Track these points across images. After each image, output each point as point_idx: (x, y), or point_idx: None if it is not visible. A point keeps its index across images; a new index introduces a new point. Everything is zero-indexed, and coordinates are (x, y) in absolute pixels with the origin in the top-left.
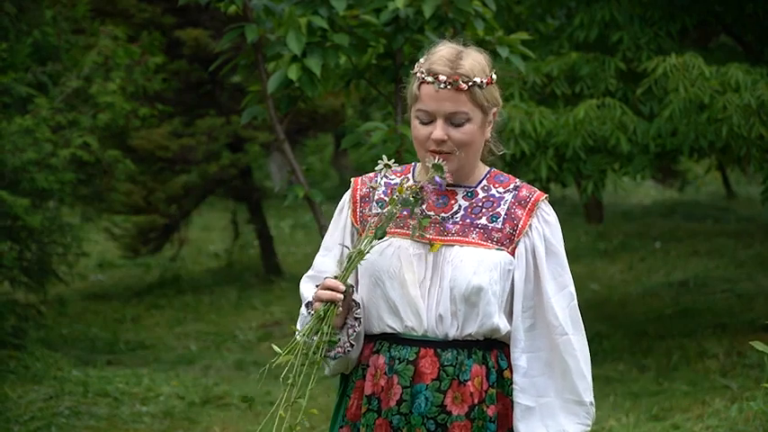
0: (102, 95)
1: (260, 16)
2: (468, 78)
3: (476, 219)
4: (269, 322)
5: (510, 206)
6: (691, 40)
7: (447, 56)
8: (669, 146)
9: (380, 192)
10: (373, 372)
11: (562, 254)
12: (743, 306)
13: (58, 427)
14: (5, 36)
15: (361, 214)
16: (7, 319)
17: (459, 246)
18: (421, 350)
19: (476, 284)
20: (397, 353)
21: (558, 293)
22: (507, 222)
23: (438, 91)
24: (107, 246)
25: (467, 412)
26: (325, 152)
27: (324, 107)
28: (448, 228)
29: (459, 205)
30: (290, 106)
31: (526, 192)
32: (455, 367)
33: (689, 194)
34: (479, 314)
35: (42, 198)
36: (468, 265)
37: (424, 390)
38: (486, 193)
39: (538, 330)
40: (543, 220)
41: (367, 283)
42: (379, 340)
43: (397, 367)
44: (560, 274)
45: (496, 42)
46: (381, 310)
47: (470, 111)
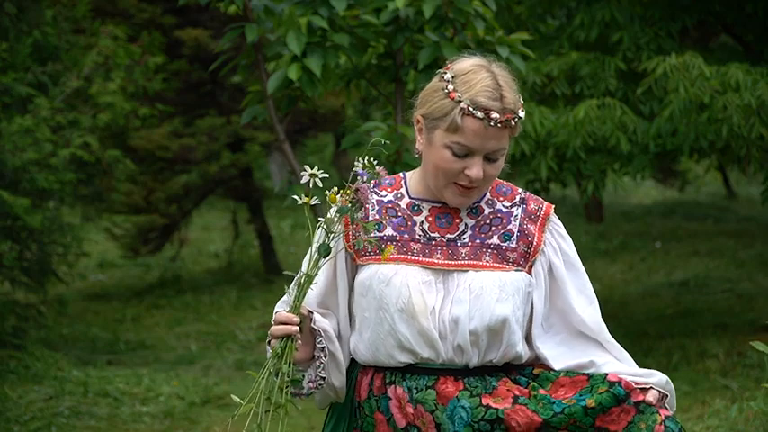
0: (102, 95)
1: (260, 16)
2: (516, 115)
3: (486, 238)
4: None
5: (521, 222)
6: (691, 40)
7: (492, 87)
8: (669, 146)
9: (375, 212)
10: (397, 403)
11: (581, 266)
12: (743, 306)
13: (58, 427)
14: (5, 36)
15: (355, 237)
16: (7, 319)
17: (473, 270)
18: (440, 378)
19: (500, 314)
20: (413, 383)
21: (588, 307)
22: (521, 240)
23: (486, 128)
24: (107, 246)
25: (512, 402)
26: (326, 152)
27: (324, 107)
28: (458, 251)
29: (466, 224)
30: (290, 106)
31: (534, 205)
32: (480, 386)
33: (689, 194)
34: (503, 343)
35: (42, 198)
36: (490, 291)
37: (456, 402)
38: (492, 208)
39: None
40: (557, 233)
41: (373, 317)
42: (390, 371)
43: (416, 396)
44: (584, 286)
45: (496, 42)
46: (390, 346)
47: (507, 145)
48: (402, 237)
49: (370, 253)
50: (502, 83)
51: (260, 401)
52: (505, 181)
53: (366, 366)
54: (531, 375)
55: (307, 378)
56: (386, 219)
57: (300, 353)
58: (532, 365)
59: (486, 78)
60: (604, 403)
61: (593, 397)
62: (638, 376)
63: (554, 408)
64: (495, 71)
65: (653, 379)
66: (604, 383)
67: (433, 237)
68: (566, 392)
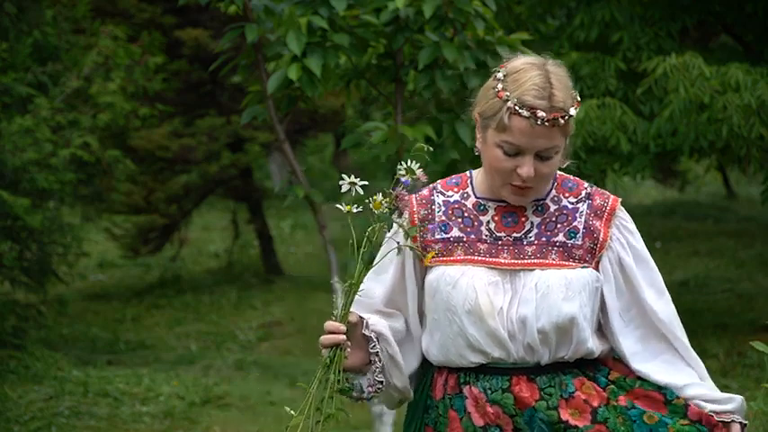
0: (102, 95)
1: (260, 16)
2: (565, 112)
3: (552, 236)
4: (269, 322)
5: (587, 218)
6: (691, 40)
7: (540, 85)
8: (669, 146)
9: (441, 213)
10: (474, 403)
11: (649, 258)
12: (743, 306)
13: (58, 427)
14: (5, 36)
15: (423, 239)
16: (7, 319)
17: (539, 269)
18: (513, 378)
19: (567, 313)
20: (487, 383)
21: (659, 299)
22: (587, 236)
23: (533, 127)
24: (107, 246)
25: (591, 419)
26: (326, 152)
27: (324, 107)
28: (524, 250)
29: (531, 222)
30: (290, 106)
31: (600, 200)
32: (554, 387)
33: (689, 194)
34: (572, 341)
35: (42, 198)
36: (556, 290)
37: (534, 413)
38: (558, 204)
39: (652, 337)
40: (624, 228)
41: (442, 318)
42: (464, 372)
43: (493, 396)
44: (654, 279)
45: (496, 42)
46: (461, 347)
47: (560, 143)
48: (469, 237)
49: (437, 254)
50: (554, 81)
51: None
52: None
53: (441, 367)
54: (608, 377)
55: (366, 382)
56: (452, 219)
57: (355, 359)
58: (608, 366)
59: (536, 77)
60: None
61: (676, 427)
62: (718, 403)
63: (634, 429)
64: (550, 69)
65: (732, 405)
66: (686, 417)
67: (500, 236)
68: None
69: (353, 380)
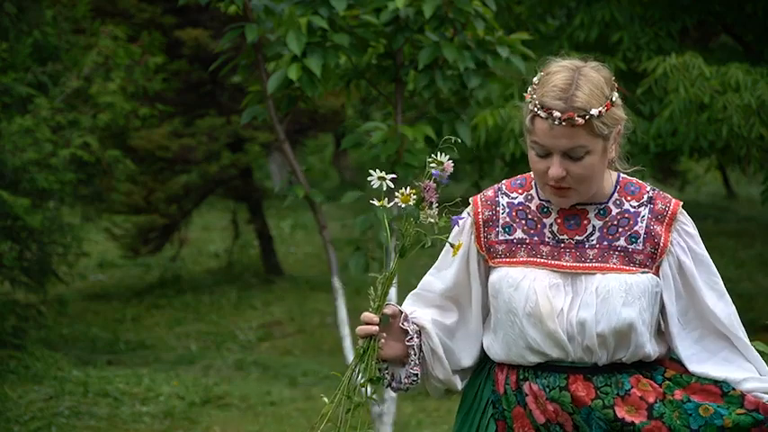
0: (102, 95)
1: (260, 16)
2: (585, 112)
3: (614, 240)
4: (269, 322)
5: (648, 223)
6: (691, 40)
7: (561, 85)
8: (669, 146)
9: (505, 215)
10: (534, 400)
11: (710, 261)
12: (743, 306)
13: (58, 427)
14: (5, 36)
15: (486, 240)
16: (7, 319)
17: (600, 273)
18: (570, 377)
19: (626, 318)
20: (545, 380)
21: (719, 301)
22: (648, 241)
23: (552, 127)
24: (107, 246)
25: (647, 415)
26: (326, 152)
27: (324, 107)
28: (586, 253)
29: (594, 225)
30: (290, 106)
31: (661, 204)
32: (611, 386)
33: (689, 194)
34: (631, 345)
35: (42, 198)
36: (616, 295)
37: (591, 411)
38: (620, 208)
39: (710, 338)
40: (684, 232)
41: (504, 319)
42: (523, 369)
43: (551, 394)
44: (715, 282)
45: (496, 42)
46: (521, 348)
47: (589, 143)
48: (531, 239)
49: (501, 255)
50: (581, 82)
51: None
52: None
53: (501, 363)
54: (664, 374)
55: (404, 374)
56: (516, 221)
57: (393, 350)
58: (664, 366)
59: (561, 79)
60: (742, 424)
61: (731, 417)
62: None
63: (690, 422)
64: (583, 71)
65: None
66: (742, 407)
67: (562, 239)
68: (699, 399)
69: (393, 370)
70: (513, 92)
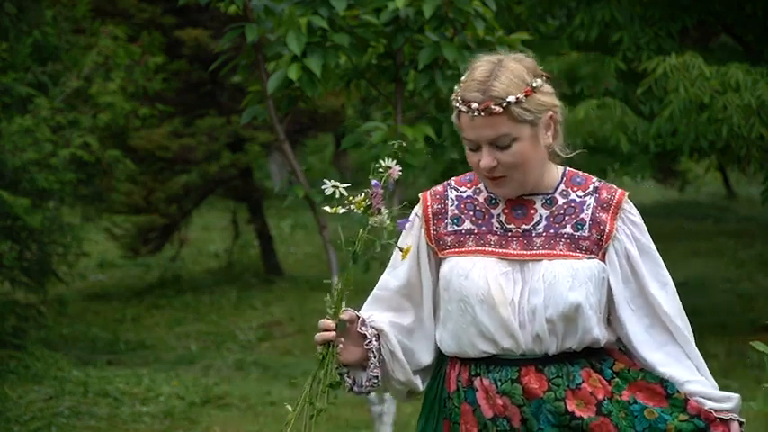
0: (102, 95)
1: (260, 16)
2: (502, 100)
3: (560, 228)
4: (269, 322)
5: (594, 211)
6: (691, 40)
7: (479, 78)
8: (669, 146)
9: (454, 207)
10: (484, 394)
11: (654, 251)
12: (743, 306)
13: (58, 427)
14: (5, 36)
15: (436, 232)
16: (7, 319)
17: (547, 260)
18: (522, 368)
19: (573, 301)
20: (497, 374)
21: (661, 290)
22: (593, 228)
23: (473, 119)
24: (107, 246)
25: (596, 411)
26: (326, 152)
27: (324, 107)
28: (533, 241)
29: (540, 215)
30: (290, 106)
31: (607, 193)
32: (562, 377)
33: (689, 194)
34: (579, 330)
35: (42, 198)
36: (563, 280)
37: (542, 403)
38: (566, 198)
39: (657, 327)
40: (629, 221)
41: (455, 309)
42: (474, 363)
43: (502, 387)
44: (658, 272)
45: (496, 42)
46: (473, 335)
47: (513, 130)
48: (480, 230)
49: (449, 246)
50: (499, 73)
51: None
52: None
53: (453, 360)
54: (612, 368)
55: (365, 377)
56: (464, 213)
57: (352, 354)
58: (613, 357)
59: (480, 72)
60: (684, 431)
61: (674, 423)
62: (716, 401)
63: (635, 424)
64: (503, 62)
65: (730, 404)
66: (685, 412)
67: (510, 228)
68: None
69: (354, 375)
70: None
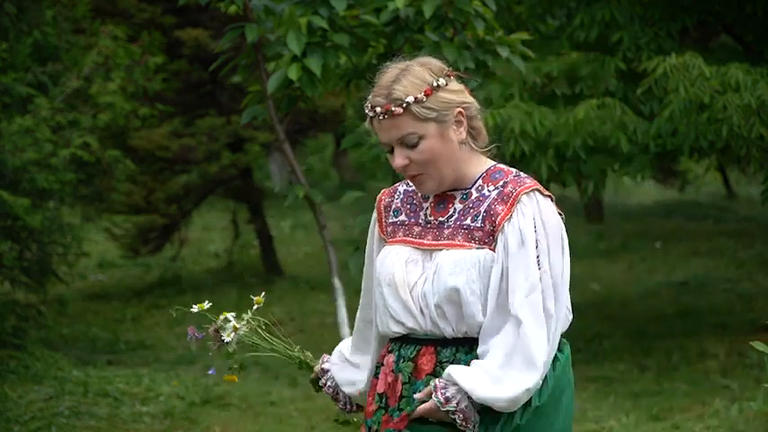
0: (102, 95)
1: (260, 16)
2: (401, 101)
3: (464, 220)
4: (269, 322)
5: (491, 204)
6: (691, 40)
7: (384, 83)
8: (669, 146)
9: (398, 201)
10: (386, 370)
11: (533, 246)
12: (743, 306)
13: (58, 427)
14: (5, 36)
15: (385, 224)
16: (7, 319)
17: (446, 250)
18: (422, 348)
19: (451, 285)
20: (404, 351)
21: (523, 283)
22: (486, 220)
23: (380, 122)
24: (107, 246)
25: None
26: (326, 152)
27: (324, 107)
28: (443, 232)
29: (455, 209)
30: (290, 106)
31: (511, 187)
32: (451, 363)
33: (689, 194)
34: (464, 314)
35: (42, 198)
36: (446, 267)
37: (421, 386)
38: (479, 193)
39: (496, 319)
40: (521, 213)
41: (377, 293)
42: (393, 341)
43: (400, 365)
44: (528, 265)
45: (496, 42)
46: (385, 315)
47: (417, 129)
48: (410, 221)
49: (389, 236)
50: (401, 76)
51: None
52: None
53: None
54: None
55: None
56: (404, 206)
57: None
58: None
59: (386, 78)
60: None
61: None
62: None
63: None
64: (408, 66)
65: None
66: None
67: (429, 220)
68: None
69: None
70: (513, 92)
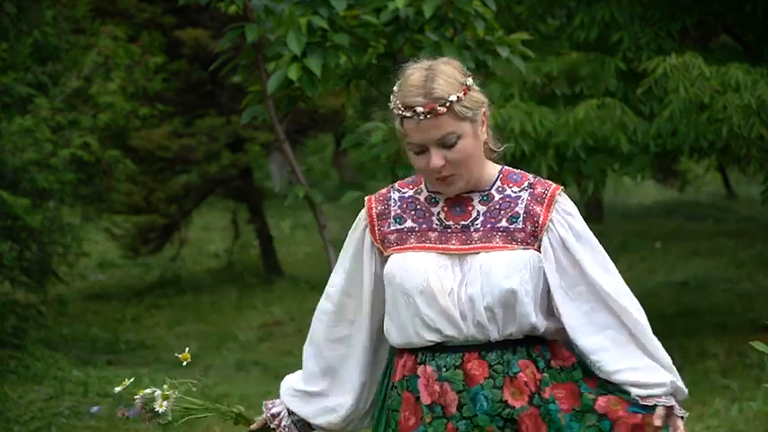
0: (102, 95)
1: (260, 16)
2: (444, 100)
3: (496, 222)
4: (269, 322)
5: (527, 204)
6: (691, 40)
7: (417, 83)
8: (669, 146)
9: (396, 207)
10: (425, 381)
11: (592, 237)
12: (743, 306)
13: (58, 427)
14: (5, 36)
15: (381, 232)
16: (7, 319)
17: (484, 252)
18: (465, 355)
19: (508, 288)
20: (442, 361)
21: (605, 274)
22: (528, 221)
23: (419, 123)
24: (107, 246)
25: (528, 401)
26: (326, 152)
27: (324, 107)
28: (471, 236)
29: (478, 211)
30: (290, 106)
31: (541, 188)
32: (502, 365)
33: (689, 194)
34: (516, 316)
35: (42, 198)
36: (498, 269)
37: (480, 390)
38: (502, 194)
39: (600, 311)
40: (563, 211)
41: (401, 302)
42: (421, 352)
43: (445, 374)
44: (598, 257)
45: (496, 42)
46: (417, 326)
47: (457, 128)
48: (420, 227)
49: (393, 243)
50: (432, 76)
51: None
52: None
53: (401, 350)
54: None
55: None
56: (406, 212)
57: None
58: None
59: (416, 78)
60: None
61: (582, 430)
62: (644, 388)
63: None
64: (434, 66)
65: (660, 390)
66: (593, 414)
67: (449, 225)
68: (562, 399)
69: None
70: (514, 92)
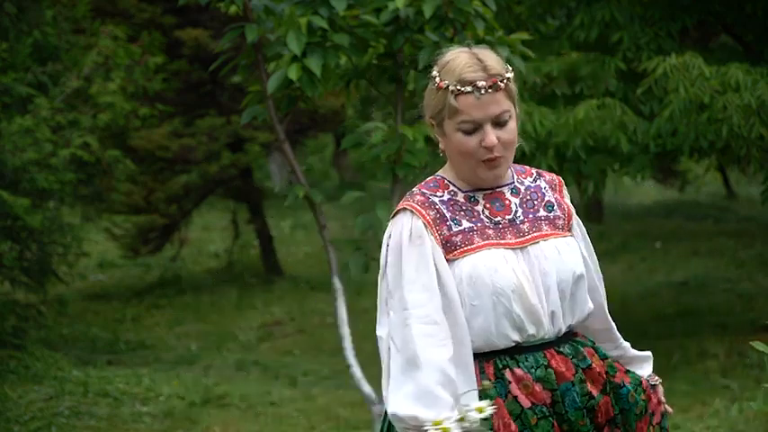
0: (102, 95)
1: (260, 16)
2: (502, 76)
3: (535, 212)
4: (269, 322)
5: (551, 193)
6: (691, 40)
7: (471, 62)
8: (669, 146)
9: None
10: (518, 384)
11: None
12: (743, 306)
13: (58, 427)
14: (5, 36)
15: (442, 236)
16: (7, 319)
17: (543, 240)
18: (546, 353)
19: (579, 273)
20: (527, 362)
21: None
22: (559, 208)
23: (479, 98)
24: (107, 246)
25: (601, 389)
26: (326, 152)
27: (324, 107)
28: (520, 228)
29: (514, 203)
30: (290, 106)
31: (548, 177)
32: (577, 358)
33: (689, 194)
34: (578, 302)
35: (42, 198)
36: (567, 255)
37: (571, 387)
38: (523, 185)
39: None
40: (570, 200)
41: (487, 303)
42: (499, 357)
43: (539, 374)
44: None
45: (496, 42)
46: (505, 327)
47: (509, 107)
48: (477, 226)
49: (460, 246)
50: (481, 56)
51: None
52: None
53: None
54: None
55: None
56: (457, 214)
57: None
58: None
59: (465, 57)
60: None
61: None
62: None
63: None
64: (475, 50)
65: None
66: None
67: (498, 221)
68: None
69: None
70: None
